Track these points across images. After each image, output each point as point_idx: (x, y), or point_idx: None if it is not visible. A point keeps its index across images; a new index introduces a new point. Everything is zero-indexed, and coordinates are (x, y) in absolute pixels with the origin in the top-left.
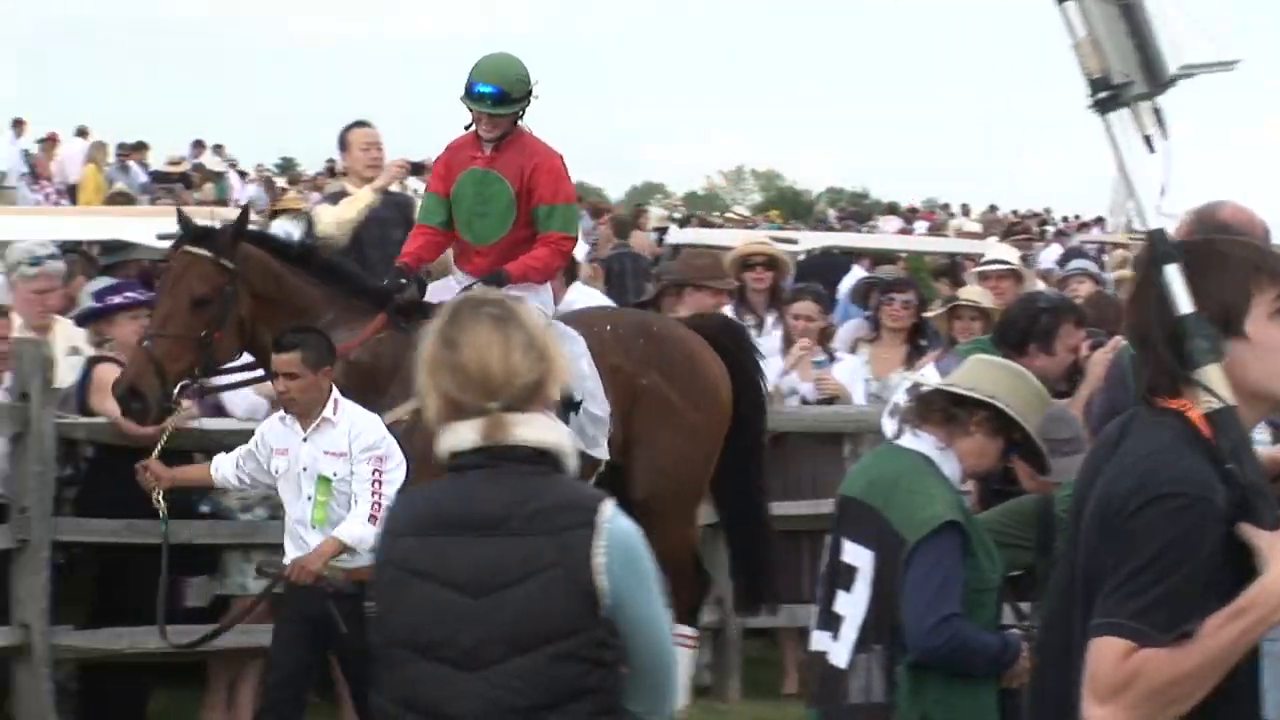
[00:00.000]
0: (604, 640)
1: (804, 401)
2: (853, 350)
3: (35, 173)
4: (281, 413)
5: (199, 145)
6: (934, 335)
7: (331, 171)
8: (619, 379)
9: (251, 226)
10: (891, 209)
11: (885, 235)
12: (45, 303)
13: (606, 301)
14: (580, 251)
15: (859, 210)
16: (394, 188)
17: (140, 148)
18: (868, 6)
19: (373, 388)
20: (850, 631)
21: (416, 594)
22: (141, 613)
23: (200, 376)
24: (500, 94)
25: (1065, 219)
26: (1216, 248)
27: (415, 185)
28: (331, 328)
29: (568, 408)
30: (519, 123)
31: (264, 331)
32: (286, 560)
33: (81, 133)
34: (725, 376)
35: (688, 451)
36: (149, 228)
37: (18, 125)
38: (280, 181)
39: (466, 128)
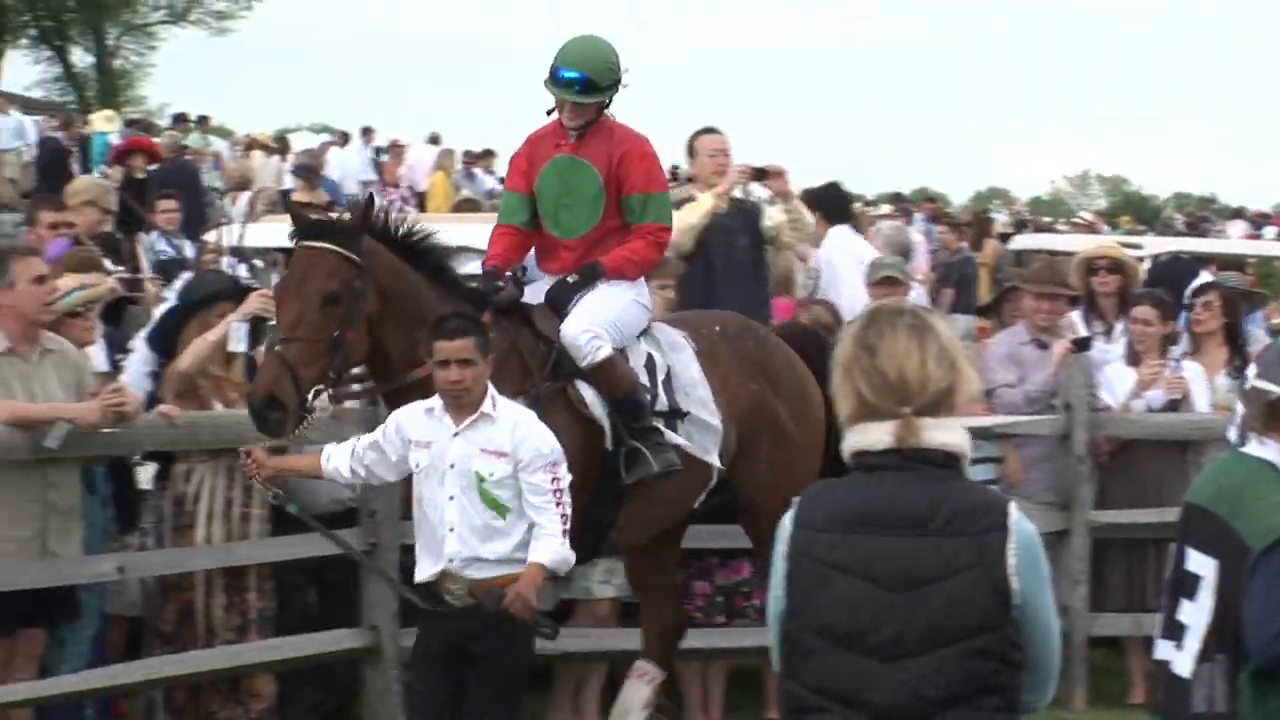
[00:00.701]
0: (1012, 639)
1: (1149, 409)
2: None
3: (383, 179)
4: (432, 404)
5: None
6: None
7: (674, 176)
8: (731, 385)
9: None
10: (1238, 214)
11: (1232, 240)
12: None
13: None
14: (921, 256)
15: (1206, 215)
16: (739, 194)
17: (486, 155)
18: (1213, 11)
19: None
20: (1193, 641)
21: (838, 587)
22: None
23: (334, 381)
24: (586, 81)
25: None
26: None
27: (760, 193)
28: None
29: (672, 417)
30: (605, 111)
31: (387, 331)
32: (426, 572)
33: (434, 140)
34: (819, 389)
35: (788, 465)
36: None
37: (367, 133)
38: None
39: (549, 113)
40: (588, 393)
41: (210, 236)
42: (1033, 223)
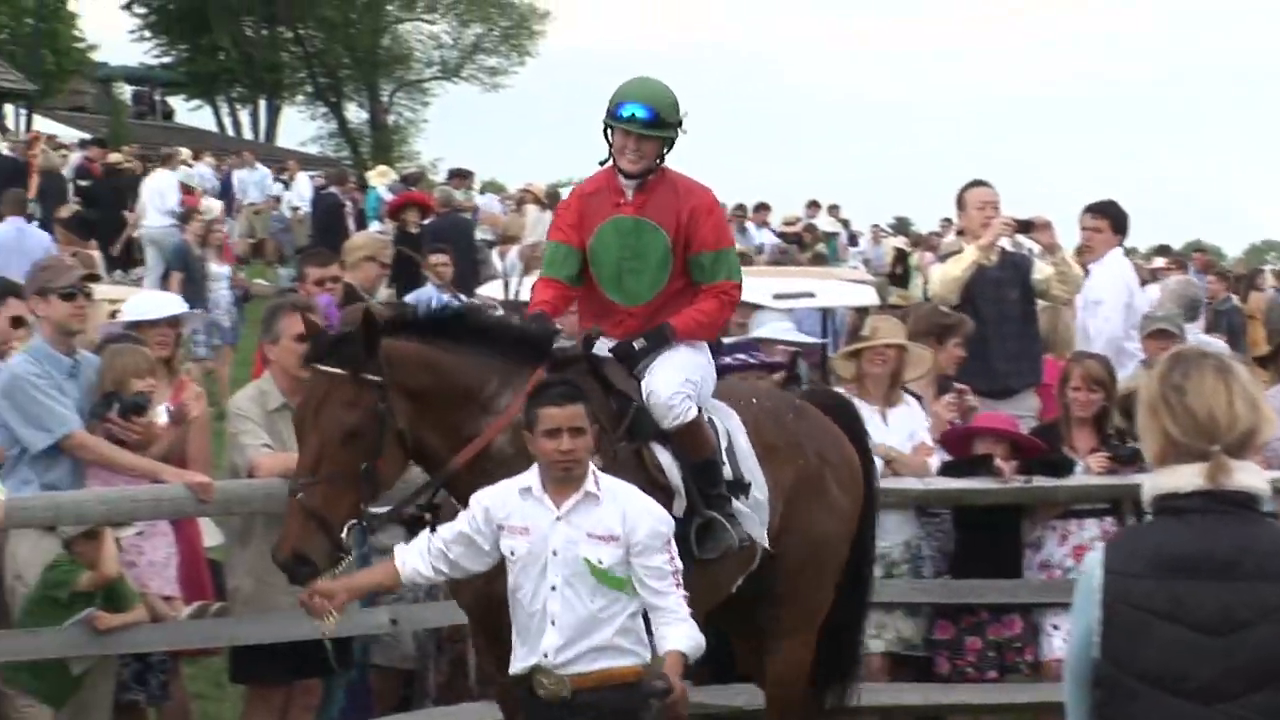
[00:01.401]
0: None
1: None
2: None
3: None
4: (527, 483)
5: (814, 205)
6: None
7: (944, 230)
8: (777, 459)
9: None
10: None
11: None
12: None
13: None
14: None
15: None
16: (1009, 247)
17: (762, 209)
18: None
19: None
20: None
21: (1158, 633)
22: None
23: (365, 513)
24: (654, 116)
25: None
26: None
27: (1029, 244)
28: (498, 395)
29: (736, 489)
30: (663, 160)
31: (429, 431)
32: (519, 664)
33: None
34: (856, 453)
35: (835, 533)
36: (765, 287)
37: None
38: (896, 241)
39: (602, 162)
40: (664, 456)
41: (484, 290)
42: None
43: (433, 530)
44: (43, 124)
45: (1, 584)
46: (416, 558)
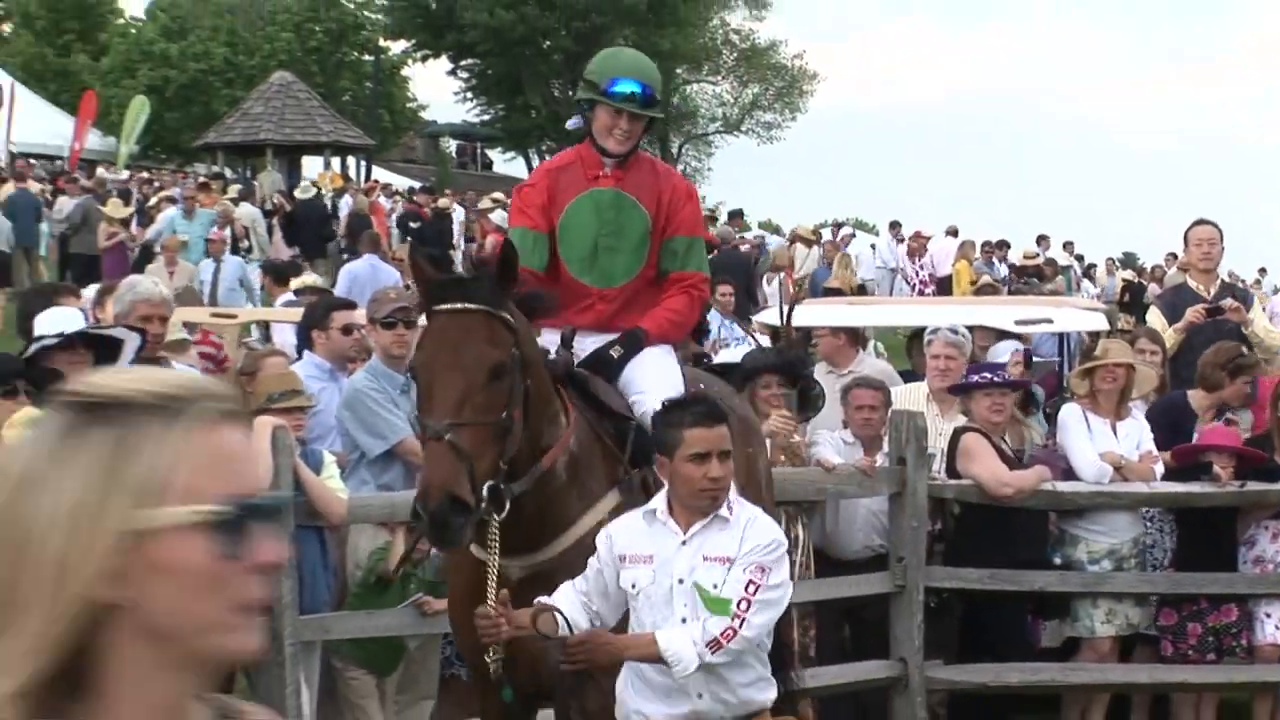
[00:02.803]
0: None
1: None
2: None
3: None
4: (652, 506)
5: (1043, 240)
6: None
7: (1168, 263)
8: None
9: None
10: None
11: None
12: (948, 368)
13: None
14: None
15: None
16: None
17: (1002, 245)
18: None
19: (577, 479)
20: None
21: None
22: (999, 649)
23: (504, 476)
24: (649, 93)
25: None
26: None
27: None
28: (556, 412)
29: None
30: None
31: (534, 413)
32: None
33: (952, 232)
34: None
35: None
36: (1008, 314)
37: (894, 226)
38: (1125, 274)
39: (580, 140)
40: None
41: (760, 317)
42: None
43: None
44: (379, 173)
45: (344, 572)
46: (571, 604)
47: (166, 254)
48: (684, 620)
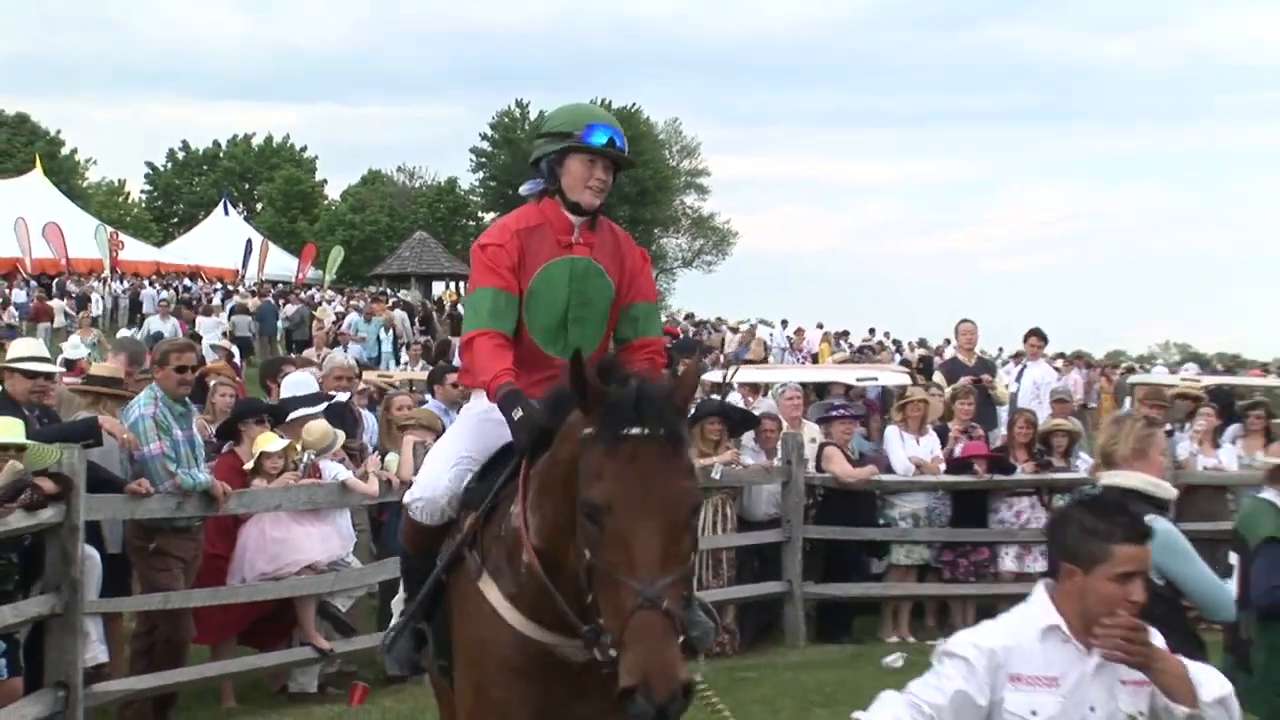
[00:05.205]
0: None
1: None
2: None
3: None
4: (1049, 621)
5: (872, 330)
6: None
7: None
8: None
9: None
10: None
11: None
12: (794, 403)
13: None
14: None
15: None
16: None
17: (844, 334)
18: None
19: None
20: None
21: None
22: (847, 574)
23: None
24: (623, 142)
25: None
26: None
27: None
28: None
29: None
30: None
31: None
32: None
33: (819, 325)
34: None
35: None
36: (851, 374)
37: (784, 324)
38: (920, 350)
39: (540, 197)
40: None
41: (706, 376)
42: None
43: None
44: None
45: None
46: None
47: (344, 338)
48: None
